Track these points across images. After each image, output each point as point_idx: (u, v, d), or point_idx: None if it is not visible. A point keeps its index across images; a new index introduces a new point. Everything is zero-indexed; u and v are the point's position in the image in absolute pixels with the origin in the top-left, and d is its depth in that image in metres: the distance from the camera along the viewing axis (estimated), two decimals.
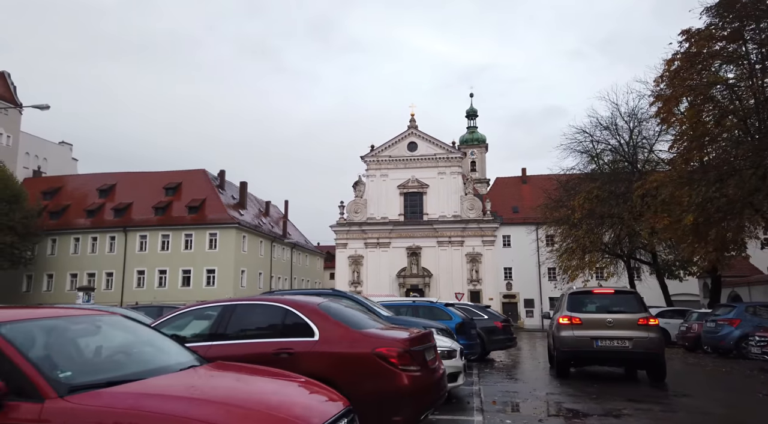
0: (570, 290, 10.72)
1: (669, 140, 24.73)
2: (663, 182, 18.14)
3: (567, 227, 26.39)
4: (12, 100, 48.84)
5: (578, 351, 9.76)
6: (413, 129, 52.44)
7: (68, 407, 2.51)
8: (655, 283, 27.96)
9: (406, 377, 4.36)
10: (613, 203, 23.95)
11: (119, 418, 2.45)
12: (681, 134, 19.62)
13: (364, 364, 4.39)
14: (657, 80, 20.33)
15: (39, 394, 2.54)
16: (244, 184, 54.37)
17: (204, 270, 45.51)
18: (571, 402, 7.14)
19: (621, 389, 8.59)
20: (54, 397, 2.54)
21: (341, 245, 51.59)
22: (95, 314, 3.66)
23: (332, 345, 4.54)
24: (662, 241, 23.87)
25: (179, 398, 2.62)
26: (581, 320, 9.84)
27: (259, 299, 5.32)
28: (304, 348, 4.57)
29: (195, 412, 2.47)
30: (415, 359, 4.51)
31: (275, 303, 5.00)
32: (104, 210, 48.14)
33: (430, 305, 11.44)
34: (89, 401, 2.54)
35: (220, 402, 2.62)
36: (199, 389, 2.83)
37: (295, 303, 4.92)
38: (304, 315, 4.78)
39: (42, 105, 21.83)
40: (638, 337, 9.60)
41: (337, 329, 4.66)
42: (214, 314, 5.11)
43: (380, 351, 4.41)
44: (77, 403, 2.52)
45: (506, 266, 49.58)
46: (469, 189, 51.18)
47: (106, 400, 2.56)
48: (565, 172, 28.68)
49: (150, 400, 2.57)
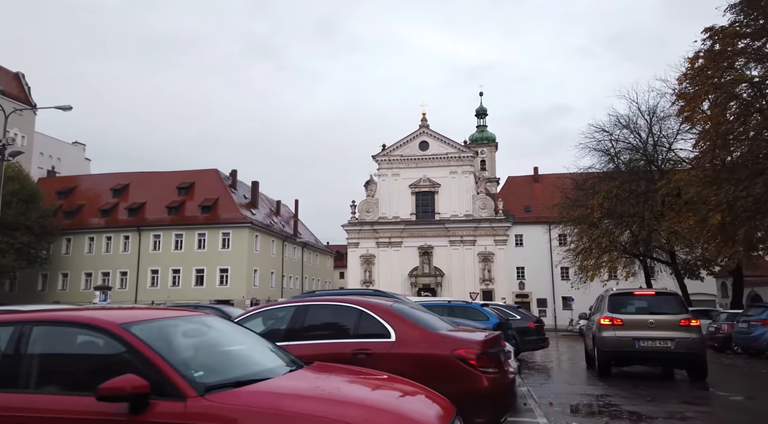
0: (609, 291, 10.75)
1: (688, 139, 24.58)
2: (689, 181, 17.99)
3: (586, 226, 26.24)
4: (26, 100, 49.21)
5: (620, 351, 9.77)
6: (425, 128, 52.35)
7: (211, 406, 2.52)
8: (671, 283, 27.78)
9: (486, 379, 4.34)
10: (633, 202, 23.79)
11: (265, 418, 2.45)
12: (705, 133, 19.47)
13: (443, 366, 4.37)
14: (680, 78, 20.17)
15: (180, 393, 2.57)
16: (255, 184, 54.54)
17: (217, 269, 45.71)
18: (627, 404, 7.10)
19: (670, 391, 8.55)
20: (195, 396, 2.56)
21: (353, 244, 51.60)
22: (200, 314, 3.66)
23: (409, 347, 4.52)
24: (683, 240, 23.69)
25: (317, 399, 2.63)
26: (623, 320, 9.84)
27: (331, 299, 5.32)
28: (382, 349, 4.56)
29: (336, 413, 2.47)
30: (492, 361, 4.50)
31: (349, 304, 5.00)
32: (118, 210, 48.44)
33: (465, 305, 11.43)
34: (229, 401, 2.55)
35: (355, 403, 2.63)
36: (327, 390, 2.83)
37: (369, 304, 4.91)
38: (379, 316, 4.77)
39: (64, 106, 21.95)
40: (680, 337, 9.59)
41: (413, 331, 4.65)
42: (286, 315, 5.12)
43: (459, 353, 4.39)
44: (218, 402, 2.54)
45: (519, 266, 49.45)
46: (481, 188, 51.04)
47: (245, 399, 2.56)
48: (582, 171, 28.51)
49: (289, 400, 2.58)
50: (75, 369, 2.92)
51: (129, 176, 51.61)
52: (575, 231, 29.86)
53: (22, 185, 40.01)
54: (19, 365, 2.85)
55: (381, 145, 52.78)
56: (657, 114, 25.01)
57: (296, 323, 5.00)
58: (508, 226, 49.13)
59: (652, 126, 24.64)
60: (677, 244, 25.23)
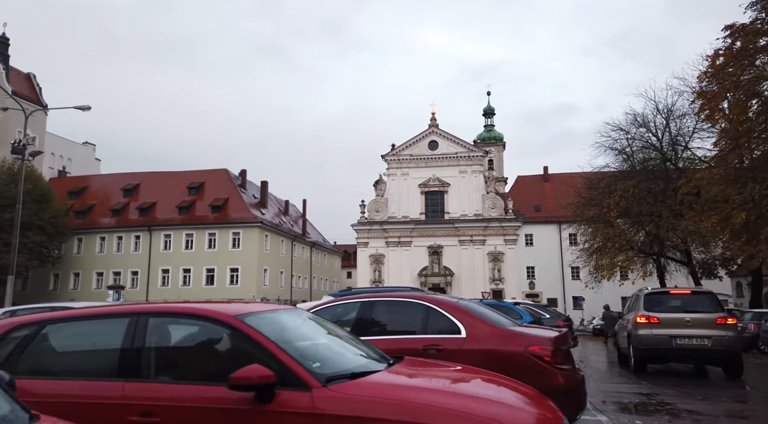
0: (644, 290, 10.77)
1: (705, 137, 24.43)
2: (711, 180, 17.89)
3: (602, 225, 26.12)
4: (38, 101, 49.46)
5: (657, 349, 9.79)
6: (434, 128, 52.31)
7: (335, 397, 2.54)
8: (684, 282, 27.66)
9: (561, 376, 4.32)
10: (650, 201, 23.67)
11: (393, 409, 2.45)
12: (726, 131, 19.35)
13: (517, 362, 4.35)
14: (701, 76, 20.05)
15: (304, 383, 2.59)
16: (264, 184, 54.66)
17: (227, 269, 45.83)
18: (681, 402, 7.08)
19: (716, 389, 8.55)
20: (318, 386, 2.58)
21: (362, 243, 51.61)
22: (291, 308, 3.67)
23: (481, 342, 4.51)
24: (700, 239, 23.54)
25: (437, 391, 2.64)
26: (659, 319, 9.86)
27: (397, 295, 5.32)
28: (453, 345, 4.55)
29: (461, 405, 2.47)
30: (565, 357, 4.48)
31: (416, 300, 5.00)
32: (129, 209, 48.62)
33: (497, 304, 11.40)
34: (352, 391, 2.56)
35: (475, 397, 2.62)
36: (441, 383, 2.83)
37: (437, 300, 4.92)
38: (447, 312, 4.77)
39: (83, 106, 22.06)
40: (717, 335, 9.60)
41: (483, 327, 4.64)
42: (352, 310, 5.12)
43: (533, 349, 4.38)
44: (342, 392, 2.55)
45: (529, 265, 49.35)
46: (490, 188, 50.98)
47: (368, 391, 2.57)
48: (597, 170, 28.38)
49: (410, 392, 2.59)
50: (195, 360, 2.95)
51: (139, 176, 51.80)
52: (589, 230, 29.72)
53: (35, 185, 40.22)
54: (139, 356, 2.88)
55: (390, 144, 52.79)
56: (674, 112, 24.87)
57: (363, 318, 5.00)
58: (518, 225, 49.02)
59: (669, 124, 24.52)
60: (693, 243, 25.07)
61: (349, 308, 5.17)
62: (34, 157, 21.39)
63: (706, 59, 20.78)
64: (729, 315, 9.91)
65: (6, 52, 49.11)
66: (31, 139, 20.94)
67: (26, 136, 20.57)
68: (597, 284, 30.14)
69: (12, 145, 20.72)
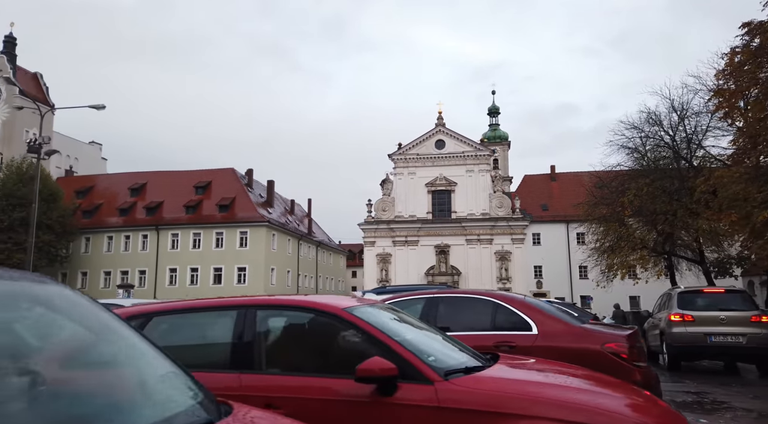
0: (678, 289, 10.77)
1: (718, 135, 24.34)
2: (730, 178, 17.82)
3: (615, 224, 26.07)
4: (45, 100, 49.42)
5: (692, 347, 9.80)
6: (441, 127, 52.25)
7: (460, 390, 2.53)
8: (694, 281, 27.56)
9: (639, 373, 4.30)
10: (665, 200, 23.59)
11: (523, 403, 2.44)
12: (743, 129, 19.29)
13: (594, 360, 4.31)
14: (718, 74, 19.97)
15: (425, 377, 2.58)
16: (271, 183, 54.65)
17: (235, 268, 45.82)
18: (734, 400, 7.06)
19: (763, 388, 8.51)
20: (440, 380, 2.57)
21: (369, 243, 51.55)
22: (377, 302, 3.65)
23: (554, 340, 4.49)
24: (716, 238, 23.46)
25: (560, 387, 2.63)
26: (693, 317, 9.85)
27: (462, 292, 5.32)
28: (526, 342, 4.52)
29: (590, 401, 2.45)
30: (641, 354, 4.46)
31: (483, 296, 4.98)
32: (136, 209, 48.62)
33: None
34: (475, 385, 2.54)
35: (594, 392, 2.60)
36: (560, 379, 2.81)
37: (504, 297, 4.90)
38: (516, 309, 4.74)
39: (97, 105, 22.02)
40: (752, 333, 9.61)
41: (554, 324, 4.61)
42: (415, 306, 5.09)
43: (610, 347, 4.35)
44: (465, 386, 2.53)
45: (536, 264, 49.30)
46: (498, 187, 50.93)
47: (490, 385, 2.55)
48: (609, 169, 28.28)
49: (532, 387, 2.57)
50: (308, 352, 2.94)
51: (146, 176, 51.79)
52: (600, 229, 29.64)
53: (44, 184, 40.12)
54: (250, 348, 2.88)
55: (397, 144, 52.72)
56: (687, 111, 24.76)
57: (428, 315, 4.97)
58: (526, 224, 48.97)
59: (685, 123, 24.42)
60: (706, 242, 24.99)
61: (411, 304, 5.14)
62: (49, 156, 21.38)
63: (721, 57, 20.71)
64: (764, 313, 9.89)
65: (13, 51, 49.13)
66: (47, 139, 20.89)
67: (42, 136, 20.54)
68: (609, 283, 30.09)
69: (28, 145, 20.70)
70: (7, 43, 49.00)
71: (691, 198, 22.52)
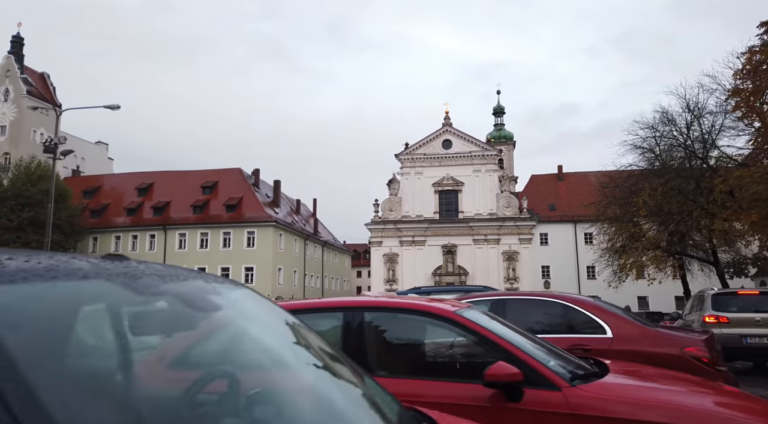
0: (711, 291, 10.73)
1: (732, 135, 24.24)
2: (751, 178, 17.76)
3: (629, 224, 26.00)
4: (52, 100, 49.47)
5: (727, 348, 9.69)
6: (448, 126, 52.20)
7: (590, 397, 2.49)
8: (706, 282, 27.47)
9: (720, 378, 4.24)
10: (680, 200, 23.52)
11: (656, 411, 2.38)
12: (762, 129, 19.22)
13: (675, 365, 4.25)
14: (737, 73, 19.90)
15: (552, 383, 2.54)
16: (277, 183, 54.64)
17: (242, 268, 45.80)
18: None
19: None
20: (567, 386, 2.53)
21: (376, 243, 51.50)
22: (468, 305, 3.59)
23: (630, 343, 4.43)
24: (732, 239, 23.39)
25: (690, 394, 2.56)
26: (729, 318, 9.78)
27: (529, 294, 5.25)
28: (601, 345, 4.47)
29: (722, 409, 2.39)
30: (720, 358, 4.40)
31: (552, 299, 4.92)
32: (143, 209, 48.61)
33: None
34: (604, 391, 2.50)
35: (722, 402, 2.55)
36: (678, 385, 2.75)
37: (574, 299, 4.85)
38: (589, 311, 4.69)
39: (112, 105, 22.02)
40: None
41: (629, 327, 4.56)
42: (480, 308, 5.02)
43: (690, 350, 4.30)
44: (594, 392, 2.49)
45: (544, 264, 49.21)
46: (505, 187, 50.86)
47: (620, 391, 2.51)
48: (623, 168, 28.21)
49: (663, 394, 2.51)
50: (423, 355, 2.89)
51: (153, 176, 51.77)
52: (612, 229, 29.57)
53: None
54: (362, 350, 2.83)
55: (404, 144, 52.68)
56: (704, 110, 24.63)
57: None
58: (533, 224, 48.90)
59: (700, 121, 24.33)
60: (720, 243, 24.90)
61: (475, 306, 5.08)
62: (65, 156, 21.37)
63: (737, 57, 20.65)
64: None
65: (21, 51, 49.10)
66: (62, 139, 20.86)
67: (57, 136, 20.53)
68: (620, 283, 30.03)
69: (44, 145, 20.69)
70: (15, 43, 48.99)
71: (707, 198, 22.45)
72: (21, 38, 49.57)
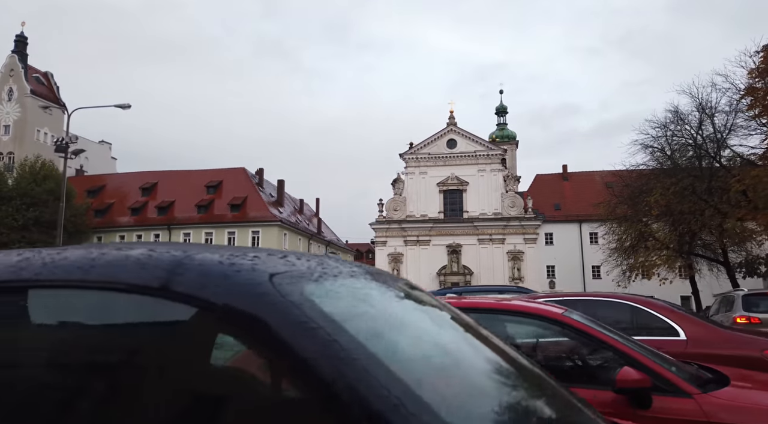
0: (741, 291, 10.67)
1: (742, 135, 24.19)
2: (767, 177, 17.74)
3: (641, 223, 25.95)
4: (56, 100, 49.30)
5: None
6: (452, 126, 52.14)
7: (724, 404, 2.42)
8: (714, 282, 27.46)
9: None
10: (693, 200, 23.46)
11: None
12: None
13: (755, 368, 4.17)
14: (752, 72, 19.87)
15: (682, 390, 2.48)
16: (281, 182, 54.54)
17: None
18: None
19: None
20: (699, 393, 2.47)
21: (381, 243, 51.43)
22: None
23: (705, 346, 4.33)
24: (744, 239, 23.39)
25: None
26: (760, 319, 9.73)
27: (595, 294, 5.17)
28: (675, 348, 4.37)
29: None
30: None
31: (620, 300, 4.85)
32: (147, 208, 48.46)
33: None
34: (738, 399, 2.42)
35: None
36: None
37: (644, 300, 4.78)
38: (659, 313, 4.61)
39: (123, 104, 21.92)
40: None
41: (703, 329, 4.48)
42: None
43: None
44: (728, 400, 2.42)
45: (549, 264, 49.17)
46: (509, 186, 50.82)
47: (753, 398, 2.44)
48: (633, 167, 28.16)
49: None
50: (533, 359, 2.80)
51: (157, 175, 51.61)
52: (621, 229, 29.51)
53: (57, 184, 39.95)
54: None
55: (408, 143, 52.60)
56: (715, 109, 24.54)
57: None
58: (538, 224, 48.85)
59: (713, 120, 24.25)
60: (731, 242, 24.88)
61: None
62: (76, 155, 21.27)
63: (750, 56, 20.62)
64: None
65: (24, 50, 48.91)
66: (74, 138, 20.76)
67: (69, 135, 20.43)
68: (629, 283, 29.98)
69: (56, 144, 20.60)
70: (19, 42, 48.79)
71: (720, 198, 22.41)
72: (25, 38, 49.36)
